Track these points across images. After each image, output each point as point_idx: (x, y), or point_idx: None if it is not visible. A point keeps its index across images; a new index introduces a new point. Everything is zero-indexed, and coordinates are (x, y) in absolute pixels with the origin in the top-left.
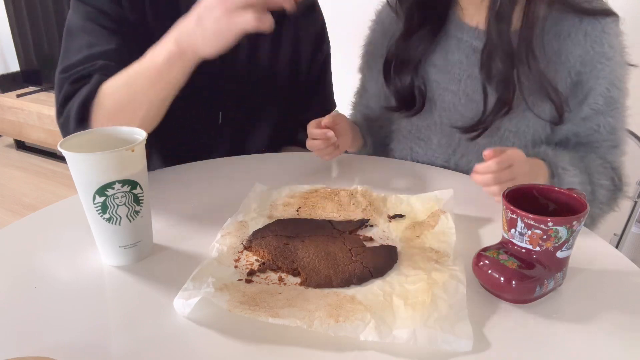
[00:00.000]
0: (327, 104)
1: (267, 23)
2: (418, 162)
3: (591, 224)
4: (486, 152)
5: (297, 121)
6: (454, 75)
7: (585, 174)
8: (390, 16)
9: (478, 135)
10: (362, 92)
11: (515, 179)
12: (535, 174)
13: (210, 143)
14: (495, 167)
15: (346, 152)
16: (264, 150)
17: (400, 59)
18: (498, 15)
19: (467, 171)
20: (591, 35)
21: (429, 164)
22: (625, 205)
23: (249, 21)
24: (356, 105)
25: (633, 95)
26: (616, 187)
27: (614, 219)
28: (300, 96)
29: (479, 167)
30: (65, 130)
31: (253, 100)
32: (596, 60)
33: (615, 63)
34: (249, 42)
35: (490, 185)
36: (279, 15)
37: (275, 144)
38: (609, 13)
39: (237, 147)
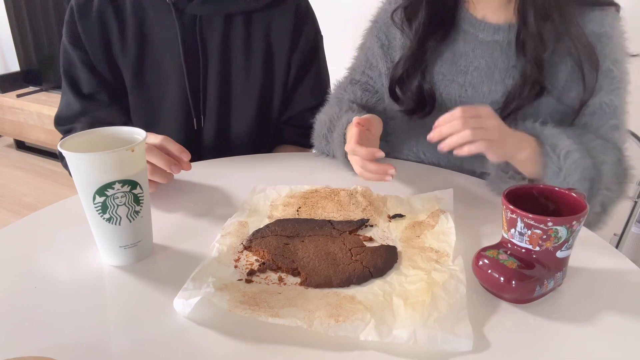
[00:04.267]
0: (316, 99)
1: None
2: (425, 155)
3: (603, 212)
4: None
5: (281, 119)
6: (460, 67)
7: (584, 150)
8: None
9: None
10: (363, 69)
11: (485, 128)
12: (517, 143)
13: (194, 145)
14: (461, 112)
15: None
16: (253, 150)
17: (408, 69)
18: (537, 9)
19: (471, 168)
20: (590, 15)
21: (435, 157)
22: (625, 205)
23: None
24: (351, 85)
25: (634, 97)
26: (623, 167)
27: (614, 219)
28: (281, 91)
29: (442, 118)
30: None
31: (231, 98)
32: (596, 40)
33: (615, 44)
34: (221, 42)
35: (460, 131)
36: (246, 10)
37: (262, 143)
38: (611, 3)
39: (222, 147)
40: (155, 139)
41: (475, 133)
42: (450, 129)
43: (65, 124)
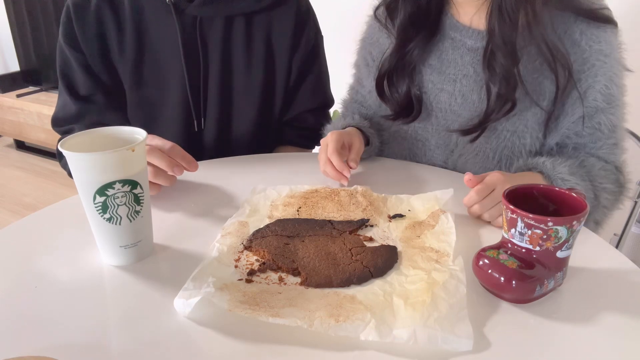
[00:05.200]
0: (317, 100)
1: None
2: (417, 162)
3: (596, 228)
4: (465, 178)
5: (281, 120)
6: (449, 75)
7: (587, 181)
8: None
9: (478, 136)
10: (357, 88)
11: (499, 203)
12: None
13: (194, 146)
14: (477, 197)
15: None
16: (253, 151)
17: (395, 70)
18: (503, 15)
19: (466, 171)
20: (586, 33)
21: (427, 164)
22: (625, 206)
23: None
24: (352, 102)
25: (633, 95)
26: (621, 185)
27: (614, 219)
28: (283, 93)
29: (464, 201)
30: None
31: (232, 100)
32: (594, 58)
33: (612, 60)
34: (222, 43)
35: (478, 214)
36: (246, 11)
37: (262, 145)
38: (608, 20)
39: (223, 148)
40: (163, 144)
41: (492, 214)
42: (472, 214)
43: (63, 124)
